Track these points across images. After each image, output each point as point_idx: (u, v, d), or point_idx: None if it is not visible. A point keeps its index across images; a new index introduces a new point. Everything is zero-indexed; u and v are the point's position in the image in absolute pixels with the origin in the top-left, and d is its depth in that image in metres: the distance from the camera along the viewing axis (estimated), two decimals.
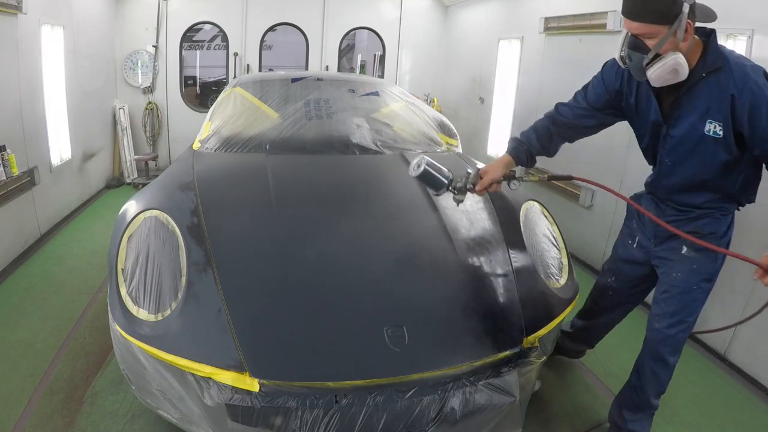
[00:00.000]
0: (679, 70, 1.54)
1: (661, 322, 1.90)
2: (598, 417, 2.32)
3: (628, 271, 2.10)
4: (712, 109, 1.60)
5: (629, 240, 2.06)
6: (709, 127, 1.61)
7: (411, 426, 1.55)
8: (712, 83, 1.59)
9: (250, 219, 2.07)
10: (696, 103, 1.63)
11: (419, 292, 1.85)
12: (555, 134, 1.98)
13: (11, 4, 3.34)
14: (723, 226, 1.81)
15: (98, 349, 2.60)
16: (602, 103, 1.90)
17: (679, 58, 1.53)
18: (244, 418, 1.49)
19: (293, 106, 3.06)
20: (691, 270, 1.83)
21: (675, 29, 1.50)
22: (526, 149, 1.98)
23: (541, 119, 2.02)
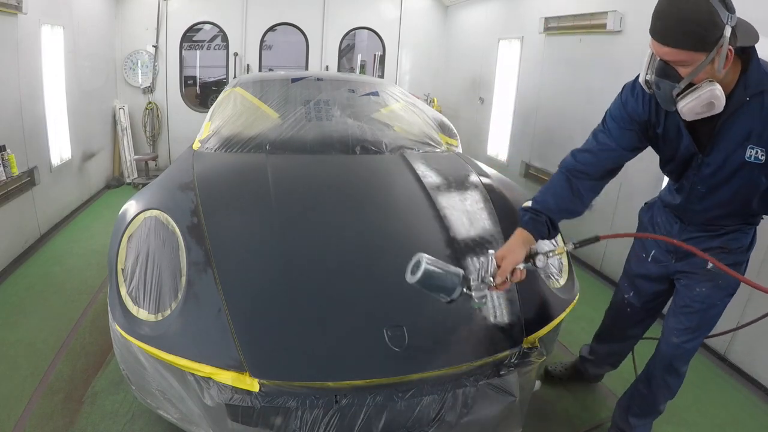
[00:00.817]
0: (716, 103, 1.38)
1: (680, 337, 1.83)
2: (598, 417, 2.32)
3: (645, 287, 2.00)
4: (754, 133, 1.46)
5: (643, 254, 1.96)
6: (750, 152, 1.47)
7: (411, 426, 1.55)
8: (755, 106, 1.44)
9: (250, 219, 2.07)
10: (736, 129, 1.48)
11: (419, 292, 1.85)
12: (580, 189, 1.69)
13: (11, 4, 3.34)
14: (749, 238, 1.73)
15: (98, 349, 2.60)
16: (632, 140, 1.67)
17: (716, 90, 1.36)
18: (244, 418, 1.49)
19: (293, 106, 3.06)
20: (716, 285, 1.75)
21: (713, 57, 1.32)
22: (545, 219, 1.66)
23: (556, 175, 1.74)
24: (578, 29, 4.03)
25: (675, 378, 1.92)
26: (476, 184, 2.47)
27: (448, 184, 2.47)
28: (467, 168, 2.68)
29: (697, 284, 1.78)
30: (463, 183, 2.50)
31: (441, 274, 1.48)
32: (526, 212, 1.69)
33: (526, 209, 1.70)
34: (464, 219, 2.18)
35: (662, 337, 1.92)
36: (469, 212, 2.24)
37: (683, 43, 1.31)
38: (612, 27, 3.54)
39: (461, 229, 2.12)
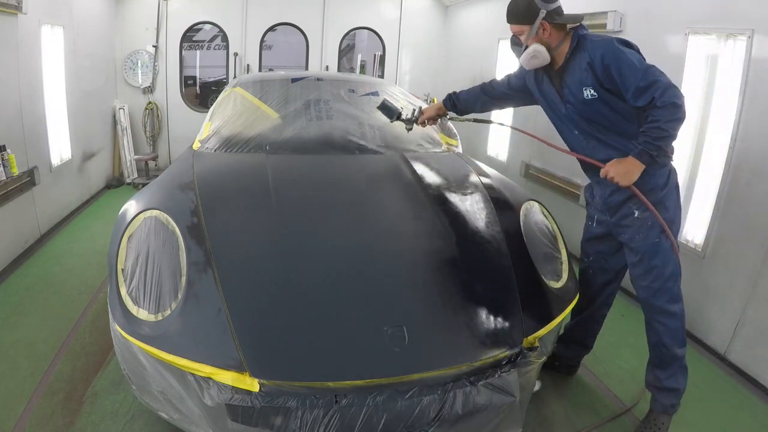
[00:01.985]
0: (538, 56, 2.02)
1: (645, 280, 2.08)
2: (598, 417, 2.32)
3: (597, 247, 2.30)
4: (583, 79, 1.97)
5: (589, 222, 2.32)
6: (586, 92, 1.98)
7: (411, 426, 1.55)
8: (577, 60, 1.99)
9: (251, 219, 2.07)
10: (572, 79, 2.02)
11: (419, 292, 1.85)
12: (483, 98, 2.52)
13: (11, 4, 3.34)
14: (661, 178, 2.00)
15: (98, 349, 2.60)
16: (520, 87, 2.34)
17: (537, 47, 2.02)
18: (244, 418, 1.49)
19: (293, 106, 3.06)
20: (648, 227, 2.02)
21: (536, 29, 2.00)
22: (452, 100, 2.60)
23: (480, 84, 2.55)
24: None
25: (668, 317, 2.07)
26: (476, 184, 2.47)
27: (448, 184, 2.47)
28: (467, 168, 2.68)
29: (634, 234, 2.07)
30: (463, 183, 2.50)
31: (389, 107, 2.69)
32: (448, 95, 2.64)
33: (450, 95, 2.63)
34: (464, 219, 2.18)
35: (636, 288, 2.15)
36: (469, 212, 2.24)
37: (514, 20, 2.06)
38: (612, 27, 3.54)
39: (461, 228, 2.12)
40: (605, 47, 1.92)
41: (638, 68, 1.83)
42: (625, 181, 1.90)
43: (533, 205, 2.40)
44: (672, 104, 1.78)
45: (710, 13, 2.83)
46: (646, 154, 1.85)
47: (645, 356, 2.21)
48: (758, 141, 2.57)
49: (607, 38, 1.97)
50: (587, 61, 1.95)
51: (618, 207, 2.10)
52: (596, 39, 1.99)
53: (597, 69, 1.93)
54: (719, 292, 2.80)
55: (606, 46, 1.92)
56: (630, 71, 1.84)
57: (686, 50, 2.96)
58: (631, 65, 1.84)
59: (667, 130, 1.80)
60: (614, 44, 1.91)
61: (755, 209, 2.59)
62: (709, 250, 2.87)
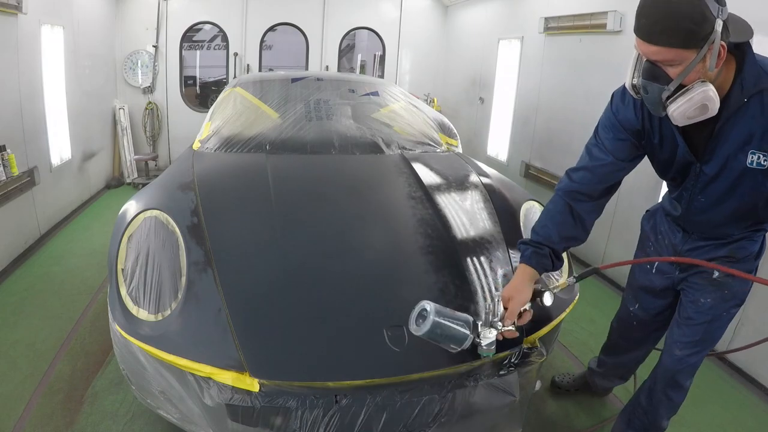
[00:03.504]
0: (709, 105, 1.27)
1: (683, 350, 1.74)
2: (598, 417, 2.32)
3: (650, 299, 1.91)
4: (756, 137, 1.35)
5: (647, 265, 1.87)
6: (752, 158, 1.37)
7: (411, 426, 1.55)
8: (754, 108, 1.33)
9: (251, 219, 2.07)
10: (735, 133, 1.37)
11: (419, 292, 1.85)
12: (581, 213, 1.64)
13: (11, 4, 3.34)
14: (757, 245, 1.63)
15: (98, 349, 2.60)
16: (628, 151, 1.58)
17: (709, 91, 1.25)
18: (244, 418, 1.49)
19: (293, 106, 3.06)
20: (722, 296, 1.66)
21: (704, 54, 1.21)
22: (548, 252, 1.61)
23: (553, 200, 1.68)
24: (578, 29, 4.03)
25: (677, 392, 1.84)
26: (476, 184, 2.47)
27: (448, 184, 2.47)
28: (467, 168, 2.68)
29: (702, 295, 1.68)
30: (463, 183, 2.50)
31: (449, 326, 1.41)
32: (527, 246, 1.62)
33: (527, 243, 1.63)
34: (464, 219, 2.18)
35: (665, 349, 1.82)
36: (469, 212, 2.24)
37: (671, 40, 1.20)
38: (612, 27, 3.54)
39: (461, 229, 2.13)
40: None
41: None
42: None
43: (533, 205, 2.40)
44: None
45: None
46: None
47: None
48: None
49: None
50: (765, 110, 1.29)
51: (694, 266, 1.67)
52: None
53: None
54: None
55: None
56: None
57: None
58: None
59: None
60: None
61: None
62: None
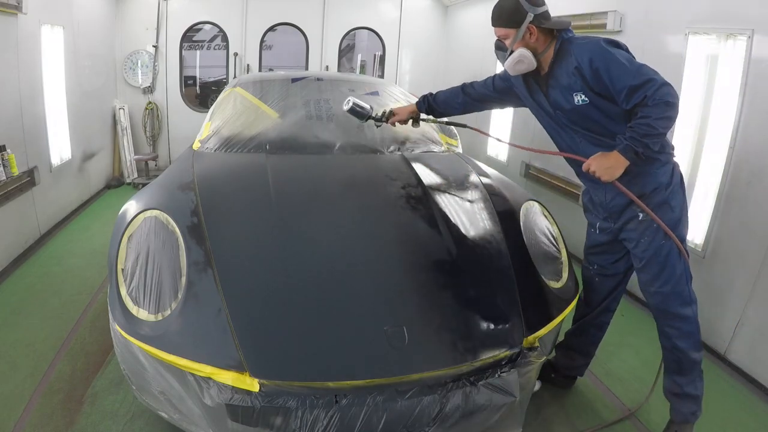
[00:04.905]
0: (524, 60, 1.95)
1: (653, 286, 2.00)
2: (598, 417, 2.32)
3: (602, 256, 2.20)
4: (572, 84, 1.90)
5: (591, 230, 2.22)
6: (576, 98, 1.90)
7: (411, 426, 1.55)
8: (563, 65, 1.92)
9: (250, 219, 2.07)
10: (560, 84, 1.95)
11: (419, 292, 1.85)
12: (463, 100, 2.41)
13: (11, 4, 3.34)
14: (664, 177, 1.93)
15: (98, 349, 2.60)
16: (505, 91, 2.28)
17: (523, 51, 1.94)
18: (244, 418, 1.50)
19: (293, 106, 3.06)
20: (654, 230, 1.94)
21: (523, 33, 1.93)
22: (427, 102, 2.49)
23: (458, 86, 2.44)
24: (578, 29, 4.01)
25: (681, 321, 2.00)
26: (476, 184, 2.47)
27: (448, 184, 2.47)
28: (467, 168, 2.68)
29: (639, 237, 1.98)
30: (463, 183, 2.50)
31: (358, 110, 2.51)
32: (423, 97, 2.53)
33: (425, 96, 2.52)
34: (464, 219, 2.18)
35: (645, 296, 2.08)
36: (469, 212, 2.24)
37: (501, 23, 1.97)
38: (612, 27, 3.54)
39: (461, 229, 2.13)
40: (593, 50, 1.84)
41: (629, 68, 1.76)
42: (607, 176, 1.82)
43: (533, 205, 2.40)
44: (665, 102, 1.71)
45: (710, 13, 2.82)
46: (631, 150, 1.76)
47: (645, 356, 2.21)
48: (758, 141, 2.57)
49: (593, 40, 1.90)
50: (575, 66, 1.88)
51: (621, 212, 2.01)
52: (582, 42, 1.92)
53: (586, 73, 1.85)
54: (719, 293, 2.80)
55: (593, 48, 1.85)
56: (621, 72, 1.77)
57: (686, 50, 2.96)
58: (621, 66, 1.77)
59: (656, 128, 1.72)
60: (601, 45, 1.84)
61: (755, 209, 2.59)
62: (709, 250, 2.86)
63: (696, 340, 2.03)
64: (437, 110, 2.50)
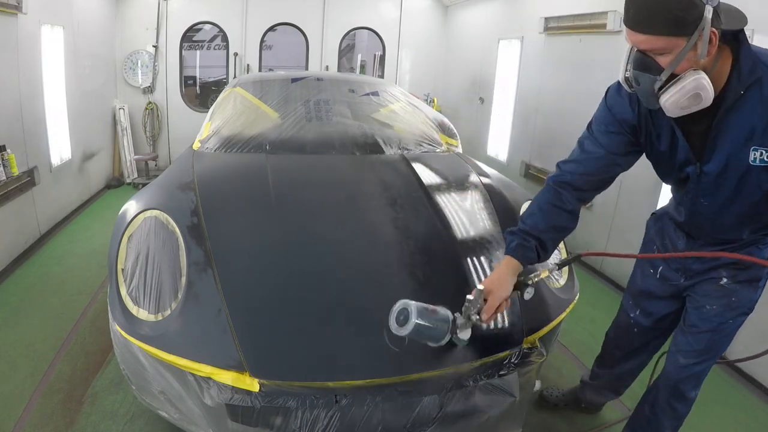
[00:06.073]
0: (702, 95, 1.22)
1: (687, 359, 1.67)
2: (598, 417, 2.32)
3: (653, 306, 1.81)
4: (758, 132, 1.28)
5: (650, 269, 1.78)
6: (755, 155, 1.29)
7: (411, 426, 1.55)
8: (752, 99, 1.26)
9: (251, 219, 2.07)
10: (734, 128, 1.30)
11: (419, 292, 1.85)
12: (573, 203, 1.61)
13: (11, 4, 3.34)
14: (767, 252, 1.54)
15: (98, 349, 2.60)
16: (621, 145, 1.52)
17: (702, 80, 1.21)
18: (244, 418, 1.49)
19: (293, 106, 3.06)
20: (728, 304, 1.59)
21: (695, 42, 1.17)
22: (534, 244, 1.55)
23: (543, 190, 1.64)
24: (578, 29, 4.03)
25: (681, 403, 1.75)
26: (476, 184, 2.47)
27: (448, 184, 2.47)
28: (467, 168, 2.68)
29: (708, 302, 1.60)
30: (463, 183, 2.50)
31: (429, 327, 1.43)
32: (513, 236, 1.57)
33: (514, 232, 1.58)
34: (464, 219, 2.18)
35: (668, 358, 1.75)
36: (469, 212, 2.24)
37: (659, 28, 1.17)
38: (612, 27, 3.54)
39: (461, 229, 2.13)
40: None
41: None
42: None
43: None
44: None
45: None
46: None
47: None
48: None
49: None
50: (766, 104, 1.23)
51: (700, 273, 1.61)
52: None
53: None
54: None
55: None
56: None
57: None
58: None
59: None
60: None
61: None
62: None
63: (680, 423, 1.82)
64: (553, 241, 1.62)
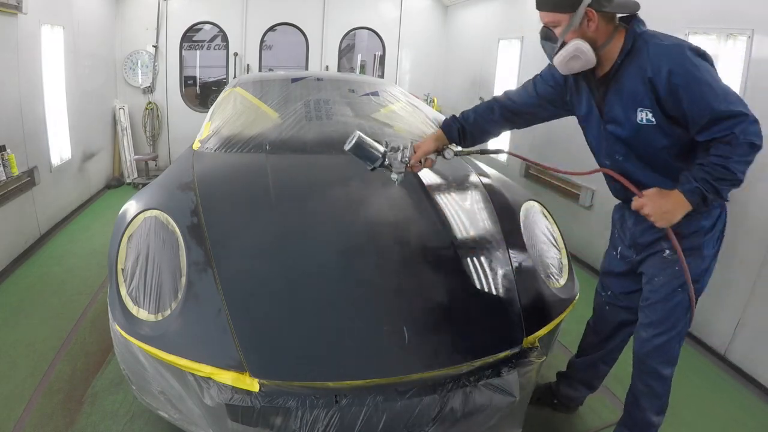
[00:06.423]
0: (581, 57, 1.57)
1: (647, 331, 1.79)
2: (597, 417, 2.32)
3: (615, 284, 2.01)
4: (639, 95, 1.56)
5: (613, 251, 1.99)
6: (641, 116, 1.57)
7: (411, 426, 1.55)
8: (632, 69, 1.56)
9: (250, 219, 2.07)
10: (623, 93, 1.60)
11: (419, 292, 1.85)
12: (499, 117, 1.96)
13: (11, 4, 3.34)
14: (708, 220, 1.67)
15: (98, 349, 2.60)
16: (551, 96, 1.87)
17: (580, 44, 1.55)
18: (244, 418, 1.49)
19: (293, 106, 3.06)
20: (673, 273, 1.71)
21: (580, 18, 1.54)
22: (459, 126, 1.99)
23: (486, 101, 2.02)
24: None
25: (656, 381, 1.81)
26: (476, 184, 2.47)
27: (448, 184, 2.47)
28: (467, 168, 2.68)
29: (656, 274, 1.76)
30: (463, 183, 2.50)
31: (367, 147, 1.93)
32: (448, 119, 2.03)
33: (451, 117, 2.03)
34: (464, 219, 2.18)
35: (634, 336, 1.88)
36: (469, 212, 2.24)
37: (550, 6, 1.57)
38: None
39: (461, 229, 2.12)
40: (675, 58, 1.46)
41: (717, 92, 1.42)
42: (663, 221, 1.54)
43: (533, 205, 2.40)
44: (749, 143, 1.41)
45: (710, 13, 2.83)
46: (699, 194, 1.46)
47: None
48: None
49: (676, 43, 1.51)
50: (648, 75, 1.50)
51: (647, 245, 1.79)
52: (662, 42, 1.52)
53: (660, 88, 1.49)
54: (719, 292, 2.80)
55: (676, 56, 1.47)
56: (706, 95, 1.43)
57: None
58: (707, 88, 1.43)
59: (735, 173, 1.43)
60: (686, 54, 1.46)
61: (755, 209, 2.59)
62: None
63: (662, 404, 1.85)
64: (471, 136, 2.00)
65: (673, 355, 1.80)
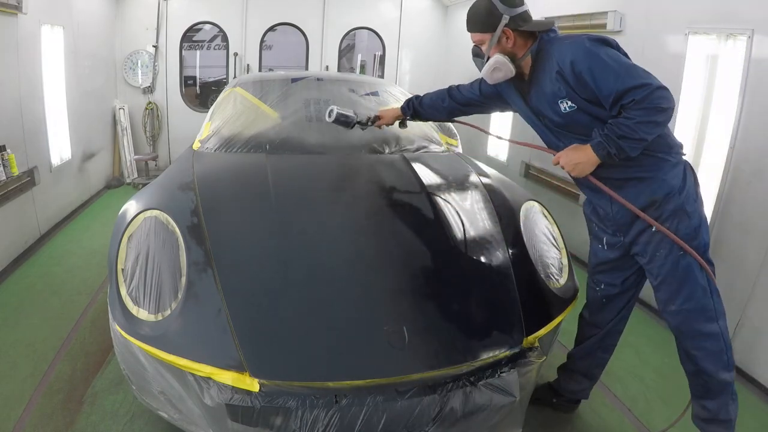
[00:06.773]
0: (501, 67, 1.82)
1: (673, 303, 1.81)
2: (598, 417, 2.32)
3: (612, 274, 2.02)
4: (556, 90, 1.75)
5: (598, 244, 2.03)
6: (563, 105, 1.76)
7: (411, 426, 1.55)
8: (545, 69, 1.78)
9: (250, 219, 2.07)
10: (543, 91, 1.81)
11: (419, 292, 1.85)
12: (447, 106, 2.33)
13: (11, 4, 3.34)
14: (675, 179, 1.76)
15: (98, 349, 2.60)
16: (492, 95, 2.14)
17: (499, 58, 1.81)
18: (244, 418, 1.49)
19: (293, 106, 3.06)
20: (669, 243, 1.77)
21: (498, 37, 1.79)
22: (413, 106, 2.41)
23: (444, 89, 2.36)
24: (578, 29, 4.02)
25: (707, 340, 1.79)
26: (476, 184, 2.47)
27: (448, 184, 2.47)
28: (467, 168, 2.68)
29: (654, 251, 1.81)
30: (463, 183, 2.50)
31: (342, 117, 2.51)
32: (408, 98, 2.47)
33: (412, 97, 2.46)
34: (464, 219, 2.18)
35: (664, 315, 1.88)
36: (469, 212, 2.24)
37: (475, 28, 1.85)
38: (612, 27, 3.54)
39: (461, 229, 2.13)
40: (574, 51, 1.67)
41: (617, 70, 1.59)
42: (576, 172, 1.72)
43: (533, 205, 2.40)
44: (655, 107, 1.55)
45: (710, 13, 2.83)
46: (603, 148, 1.63)
47: (645, 356, 2.18)
48: (758, 141, 2.57)
49: (575, 39, 1.71)
50: (556, 70, 1.72)
51: (630, 223, 1.84)
52: (563, 42, 1.75)
53: (568, 77, 1.69)
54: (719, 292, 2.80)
55: (575, 49, 1.67)
56: (607, 74, 1.60)
57: (686, 50, 2.96)
58: (606, 67, 1.61)
59: (637, 132, 1.56)
60: (584, 45, 1.66)
61: (755, 209, 2.59)
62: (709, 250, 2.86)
63: (725, 358, 1.81)
64: (423, 115, 2.42)
65: (710, 310, 1.79)
